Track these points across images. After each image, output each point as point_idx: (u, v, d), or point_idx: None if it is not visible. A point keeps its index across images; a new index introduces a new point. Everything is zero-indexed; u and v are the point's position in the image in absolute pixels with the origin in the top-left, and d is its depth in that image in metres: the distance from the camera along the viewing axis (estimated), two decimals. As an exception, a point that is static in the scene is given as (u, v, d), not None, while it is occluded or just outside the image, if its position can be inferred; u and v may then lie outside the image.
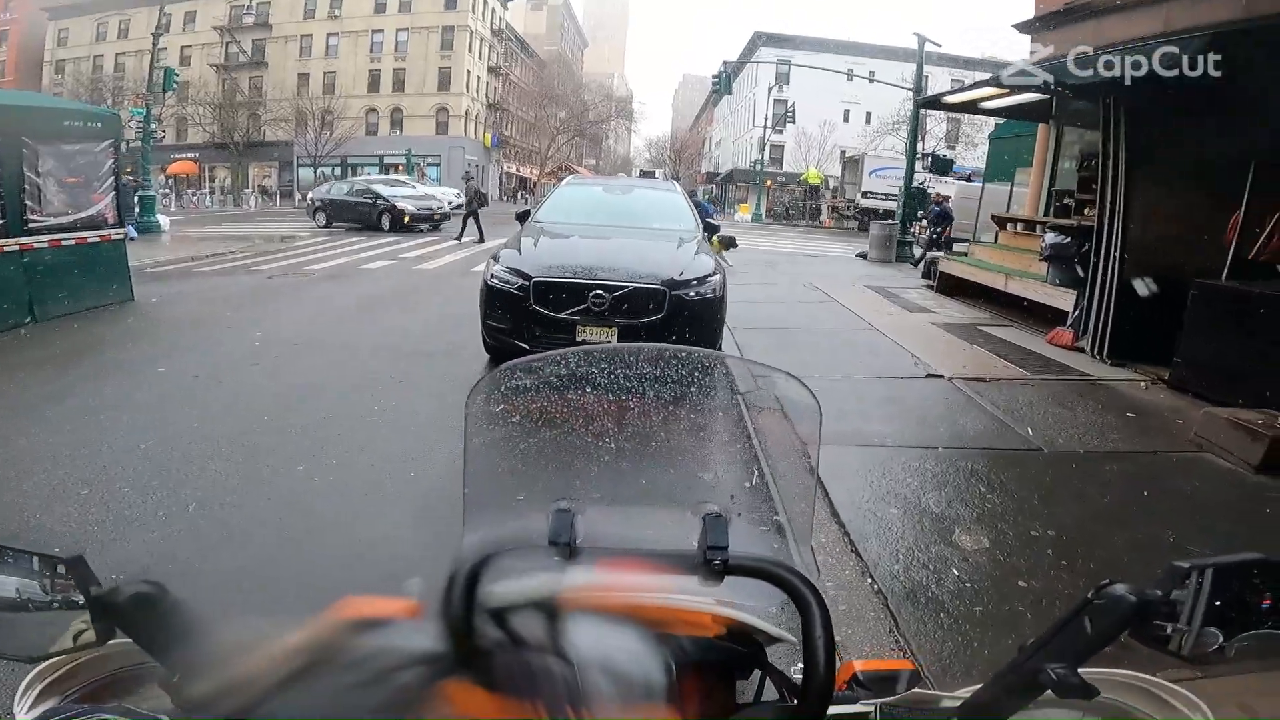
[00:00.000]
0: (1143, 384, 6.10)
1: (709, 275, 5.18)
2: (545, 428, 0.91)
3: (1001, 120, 12.58)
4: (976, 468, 4.18)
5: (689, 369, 0.88)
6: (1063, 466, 4.26)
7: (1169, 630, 0.52)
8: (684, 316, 4.92)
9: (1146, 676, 0.65)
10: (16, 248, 6.75)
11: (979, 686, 0.60)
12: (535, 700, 0.51)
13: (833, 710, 0.62)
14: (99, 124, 7.84)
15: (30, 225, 6.89)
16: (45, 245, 7.06)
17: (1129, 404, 5.54)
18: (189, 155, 42.91)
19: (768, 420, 1.08)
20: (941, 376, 6.13)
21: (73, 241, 7.38)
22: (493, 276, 5.22)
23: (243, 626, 0.62)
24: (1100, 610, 0.53)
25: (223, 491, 3.62)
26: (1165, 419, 5.18)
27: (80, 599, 0.54)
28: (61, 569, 0.55)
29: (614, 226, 6.18)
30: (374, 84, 46.91)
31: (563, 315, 4.85)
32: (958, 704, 0.61)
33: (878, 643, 2.53)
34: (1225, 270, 6.19)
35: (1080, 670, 0.53)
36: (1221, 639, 0.51)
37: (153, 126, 19.14)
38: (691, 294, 5.03)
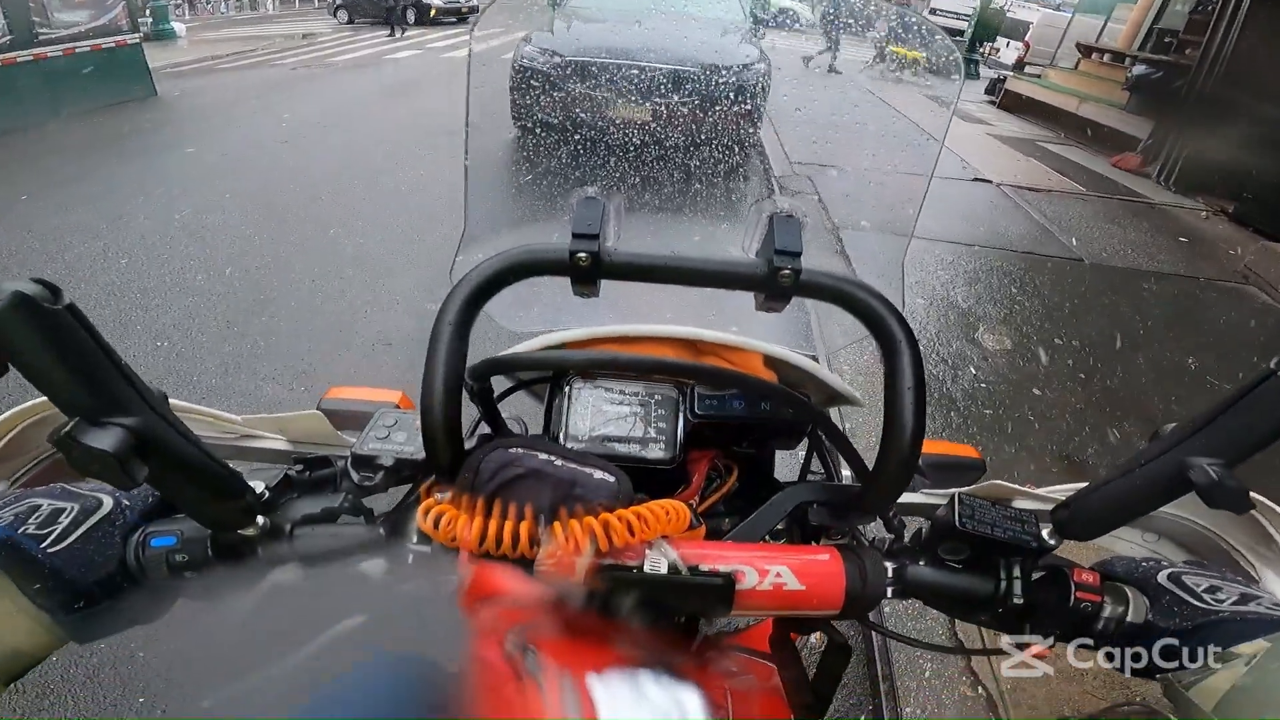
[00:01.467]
0: (1204, 214, 5.84)
1: (752, 63, 4.80)
2: (577, 95, 0.80)
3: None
4: (1010, 269, 4.08)
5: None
6: (1100, 279, 4.13)
7: None
8: (719, 105, 4.64)
9: (1257, 497, 0.55)
10: (30, 58, 6.96)
11: (1079, 486, 0.49)
12: (523, 502, 0.43)
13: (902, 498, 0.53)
14: None
15: (40, 37, 7.08)
16: (59, 54, 7.26)
17: (1184, 230, 5.29)
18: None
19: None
20: (989, 182, 5.95)
21: (88, 49, 7.55)
22: (523, 56, 4.95)
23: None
24: (1272, 395, 0.39)
25: (258, 255, 3.70)
26: (1219, 249, 4.96)
27: None
28: None
29: (653, 13, 5.72)
30: None
31: (595, 94, 4.62)
32: (1046, 506, 0.51)
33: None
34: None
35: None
36: None
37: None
38: (732, 80, 4.69)
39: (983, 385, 2.95)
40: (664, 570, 0.41)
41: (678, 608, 0.42)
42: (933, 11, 28.56)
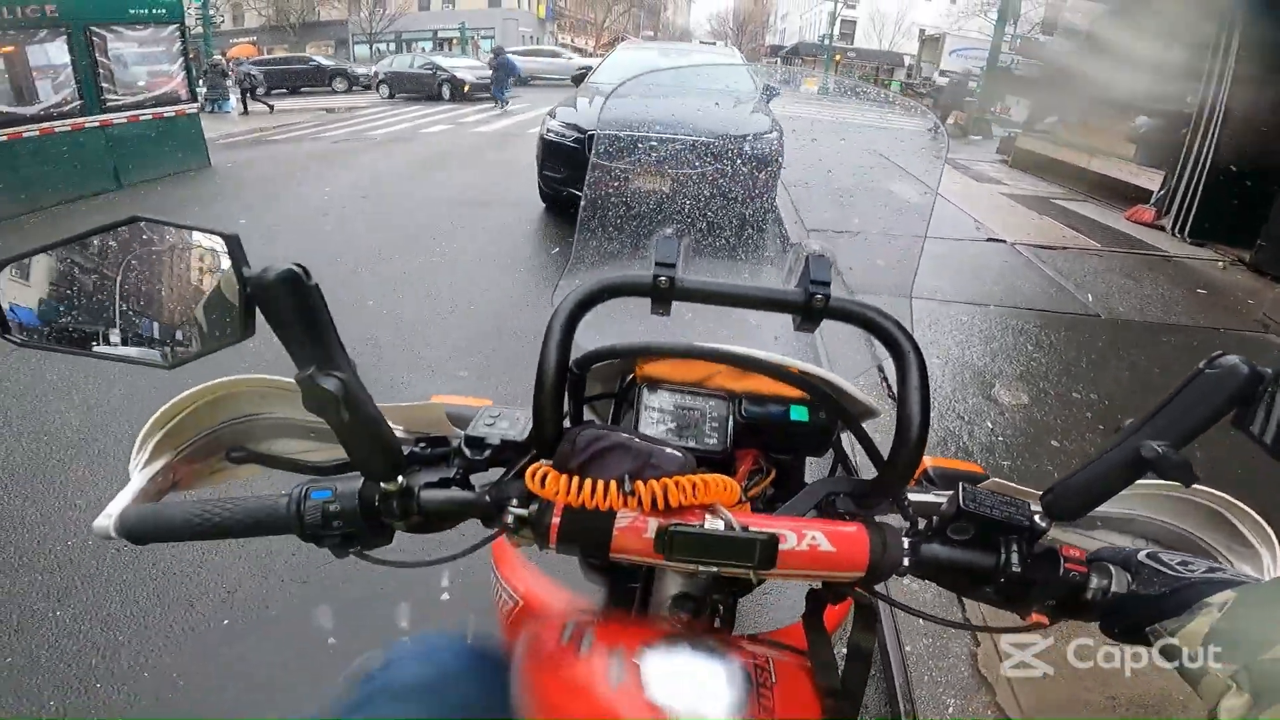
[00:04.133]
0: (1220, 264, 5.86)
1: (765, 132, 5.03)
2: (655, 169, 0.94)
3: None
4: (1026, 327, 4.15)
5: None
6: (1118, 334, 4.18)
7: (1264, 417, 0.48)
8: (739, 171, 4.85)
9: (1222, 495, 0.63)
10: (97, 123, 7.28)
11: (1061, 480, 0.57)
12: (608, 477, 0.52)
13: (910, 497, 0.62)
14: (163, 10, 8.17)
15: (108, 103, 7.40)
16: (124, 120, 7.58)
17: (1202, 281, 5.33)
18: (248, 39, 42.27)
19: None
20: (1003, 241, 6.02)
21: (149, 116, 7.90)
22: (549, 130, 5.36)
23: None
24: (1210, 383, 0.49)
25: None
26: (1237, 298, 4.98)
27: (229, 281, 0.52)
28: (220, 243, 0.53)
29: (672, 88, 6.04)
30: (426, -43, 44.81)
31: (615, 166, 4.89)
32: (1037, 496, 0.58)
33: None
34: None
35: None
36: None
37: (210, 13, 18.95)
38: (747, 149, 4.92)
39: (1000, 439, 3.00)
40: (721, 529, 0.49)
41: (730, 563, 0.50)
42: (942, 73, 29.38)
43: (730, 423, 0.71)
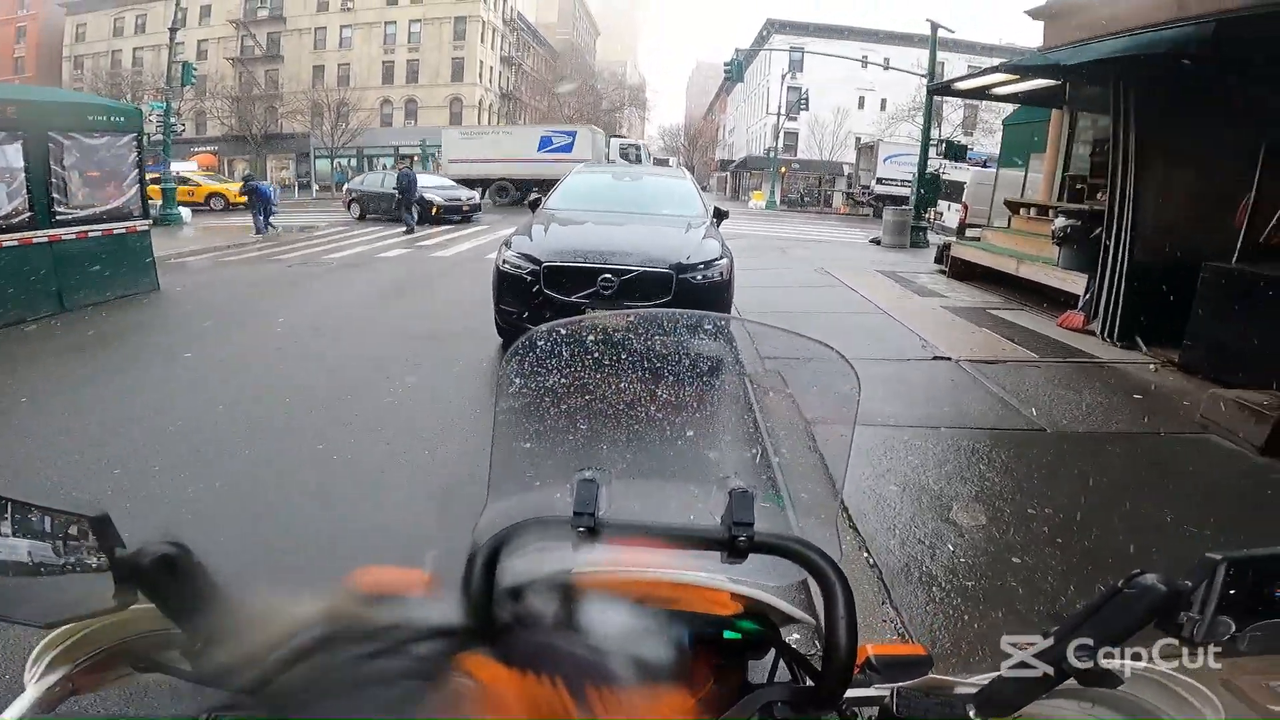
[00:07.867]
0: (1152, 366, 6.13)
1: (716, 259, 5.27)
2: (570, 397, 0.91)
3: (1016, 106, 12.53)
4: (978, 447, 4.25)
5: (713, 338, 0.89)
6: (1065, 446, 4.31)
7: (1185, 619, 0.52)
8: (691, 299, 4.99)
9: (1160, 668, 0.65)
10: (45, 239, 6.94)
11: (995, 675, 0.58)
12: (553, 676, 0.52)
13: (849, 693, 0.64)
14: (122, 118, 7.97)
15: (57, 217, 7.07)
16: (73, 237, 7.24)
17: (1136, 385, 5.57)
18: (209, 149, 43.05)
19: (789, 396, 1.13)
20: (949, 359, 6.20)
21: (99, 233, 7.57)
22: (504, 262, 5.41)
23: (261, 595, 0.65)
24: (1129, 599, 0.53)
25: (248, 470, 3.77)
26: (1172, 401, 5.21)
27: (100, 560, 0.52)
28: (85, 528, 0.52)
29: (623, 213, 6.28)
30: (388, 75, 47.24)
31: (572, 299, 4.98)
32: (974, 690, 0.60)
33: (871, 614, 2.61)
34: (1235, 253, 6.05)
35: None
36: (1234, 628, 0.51)
37: (172, 120, 19.28)
38: (699, 277, 5.11)
39: (962, 560, 3.01)
40: None
41: None
42: (879, 181, 31.49)
43: (681, 640, 0.71)
